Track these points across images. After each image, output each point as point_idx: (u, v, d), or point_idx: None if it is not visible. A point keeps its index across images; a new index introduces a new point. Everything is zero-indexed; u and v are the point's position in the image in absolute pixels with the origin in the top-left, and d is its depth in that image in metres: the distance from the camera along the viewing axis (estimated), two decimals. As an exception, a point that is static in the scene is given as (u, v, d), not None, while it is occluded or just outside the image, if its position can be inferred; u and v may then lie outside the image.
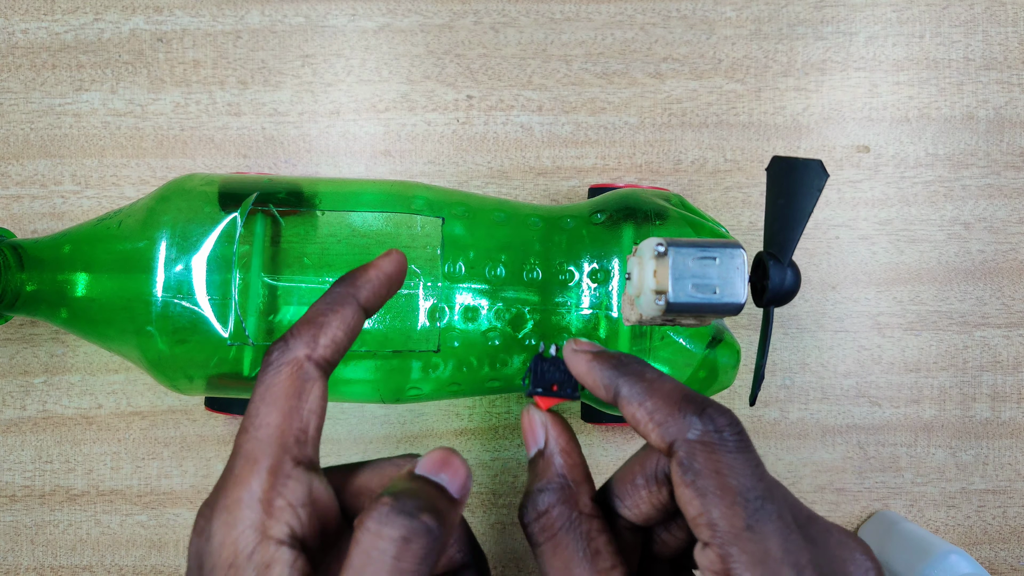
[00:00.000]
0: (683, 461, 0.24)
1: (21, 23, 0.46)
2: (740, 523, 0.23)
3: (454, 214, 0.38)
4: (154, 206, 0.36)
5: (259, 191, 0.37)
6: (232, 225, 0.36)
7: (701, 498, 0.23)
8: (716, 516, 0.23)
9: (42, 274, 0.37)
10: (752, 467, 0.24)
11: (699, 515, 0.23)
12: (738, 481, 0.23)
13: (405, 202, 0.38)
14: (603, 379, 0.27)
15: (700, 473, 0.24)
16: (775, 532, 0.23)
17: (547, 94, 0.46)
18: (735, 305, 0.29)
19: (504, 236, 0.38)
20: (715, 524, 0.23)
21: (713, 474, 0.24)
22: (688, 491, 0.24)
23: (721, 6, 0.47)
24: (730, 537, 0.23)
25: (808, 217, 0.30)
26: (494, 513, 0.45)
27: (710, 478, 0.23)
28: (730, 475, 0.24)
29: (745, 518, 0.23)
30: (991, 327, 0.47)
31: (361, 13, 0.46)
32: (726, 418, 0.25)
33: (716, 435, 0.24)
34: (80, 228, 0.38)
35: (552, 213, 0.39)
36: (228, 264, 0.36)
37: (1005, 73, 0.47)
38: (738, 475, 0.24)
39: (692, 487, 0.24)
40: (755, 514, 0.23)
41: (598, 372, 0.27)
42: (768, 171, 0.31)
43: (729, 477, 0.24)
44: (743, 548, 0.23)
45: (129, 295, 0.35)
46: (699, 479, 0.24)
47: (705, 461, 0.24)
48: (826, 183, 0.30)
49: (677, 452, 0.24)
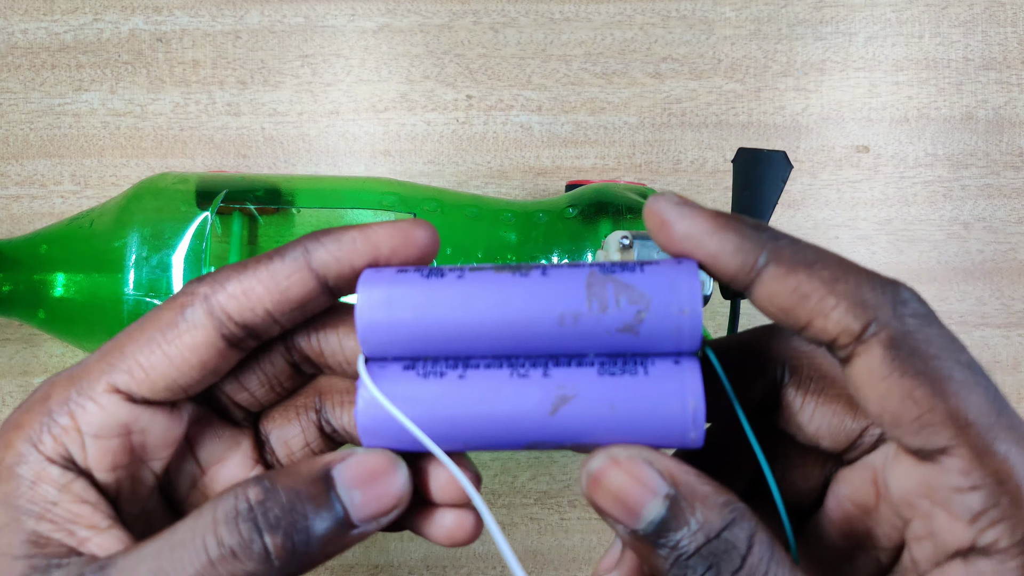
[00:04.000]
0: (895, 342, 0.17)
1: (21, 23, 0.45)
2: (992, 409, 0.17)
3: (426, 210, 0.36)
4: (126, 205, 0.35)
5: (235, 189, 0.35)
6: (205, 223, 0.34)
7: (931, 386, 0.17)
8: (963, 405, 0.17)
9: (18, 274, 0.35)
10: (961, 344, 0.18)
11: (928, 410, 0.17)
12: (967, 358, 0.18)
13: (377, 198, 0.36)
14: (741, 243, 0.19)
15: (923, 355, 0.17)
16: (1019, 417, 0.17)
17: (547, 94, 0.45)
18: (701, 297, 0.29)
19: (478, 231, 0.36)
20: (960, 415, 0.17)
21: (939, 354, 0.17)
22: (908, 381, 0.17)
23: (720, 6, 0.45)
24: (988, 426, 0.17)
25: (773, 208, 0.28)
26: (494, 513, 0.44)
27: (939, 360, 0.17)
28: (959, 352, 0.18)
29: (992, 401, 0.17)
30: (990, 327, 0.45)
31: (360, 13, 0.45)
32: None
33: (923, 307, 0.18)
34: (53, 228, 0.36)
35: (526, 208, 0.37)
36: (200, 262, 0.34)
37: (1004, 73, 0.45)
38: (962, 352, 0.18)
39: (916, 375, 0.17)
40: (997, 395, 0.17)
41: (734, 234, 0.19)
42: (734, 163, 0.29)
43: (959, 354, 0.18)
44: (1008, 437, 0.17)
45: (103, 294, 0.33)
46: (928, 363, 0.17)
47: (926, 340, 0.18)
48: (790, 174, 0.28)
49: (881, 331, 0.18)
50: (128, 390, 0.20)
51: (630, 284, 0.19)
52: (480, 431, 0.20)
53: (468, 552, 0.43)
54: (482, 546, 0.43)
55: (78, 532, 0.20)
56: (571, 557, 0.43)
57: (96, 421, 0.20)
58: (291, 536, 0.19)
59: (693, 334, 0.19)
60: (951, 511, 0.18)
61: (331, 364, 0.23)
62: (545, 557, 0.43)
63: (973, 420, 0.17)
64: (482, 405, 0.20)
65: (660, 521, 0.18)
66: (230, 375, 0.22)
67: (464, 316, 0.20)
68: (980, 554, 0.17)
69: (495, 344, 0.20)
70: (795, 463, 0.23)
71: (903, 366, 0.17)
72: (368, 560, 0.42)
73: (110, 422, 0.20)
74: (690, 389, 0.19)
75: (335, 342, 0.22)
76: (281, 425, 0.24)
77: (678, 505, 0.18)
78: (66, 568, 0.19)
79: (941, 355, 0.18)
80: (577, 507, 0.43)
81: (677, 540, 0.18)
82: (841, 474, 0.22)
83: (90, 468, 0.20)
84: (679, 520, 0.18)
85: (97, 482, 0.20)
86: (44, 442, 0.20)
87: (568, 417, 0.19)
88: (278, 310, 0.20)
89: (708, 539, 0.18)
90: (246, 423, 0.24)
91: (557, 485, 0.43)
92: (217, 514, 0.19)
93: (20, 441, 0.20)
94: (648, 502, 0.18)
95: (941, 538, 0.18)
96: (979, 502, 0.17)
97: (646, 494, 0.18)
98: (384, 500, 0.20)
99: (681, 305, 0.19)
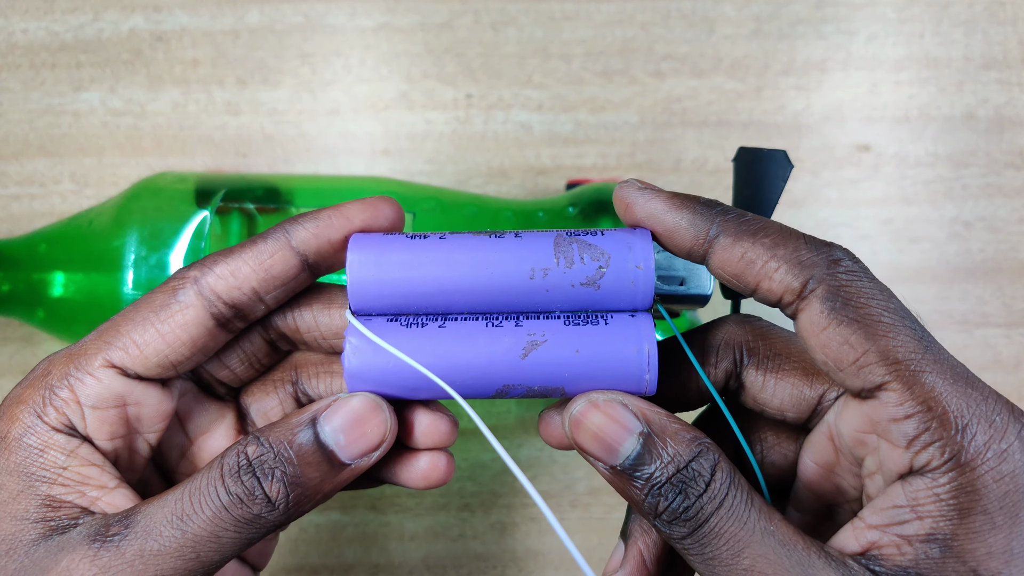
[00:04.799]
0: (830, 295, 0.20)
1: (20, 23, 0.44)
2: (919, 346, 0.19)
3: (425, 209, 0.36)
4: (125, 204, 0.34)
5: (233, 188, 0.35)
6: (204, 222, 0.34)
7: (864, 331, 0.19)
8: (892, 345, 0.19)
9: (17, 274, 0.35)
10: (890, 292, 0.20)
11: (863, 353, 0.19)
12: (896, 304, 0.20)
13: None
14: (693, 219, 0.21)
15: (855, 305, 0.19)
16: (944, 351, 0.19)
17: (547, 92, 0.44)
18: (702, 296, 0.29)
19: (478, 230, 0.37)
20: (891, 353, 0.19)
21: (870, 303, 0.19)
22: (844, 329, 0.19)
23: (721, 5, 0.45)
24: (915, 361, 0.19)
25: (773, 207, 0.28)
26: (494, 513, 0.43)
27: (869, 307, 0.19)
28: (887, 300, 0.20)
29: (919, 339, 0.19)
30: (991, 326, 0.45)
31: (360, 12, 0.45)
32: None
33: (855, 263, 0.20)
34: (52, 227, 0.35)
35: (526, 207, 0.37)
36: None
37: (1005, 72, 0.45)
38: (891, 299, 0.20)
39: (850, 323, 0.19)
40: (924, 334, 0.19)
41: (687, 212, 0.21)
42: (735, 161, 0.30)
43: (888, 302, 0.20)
44: (934, 369, 0.19)
45: (102, 294, 0.33)
46: (859, 311, 0.19)
47: (857, 291, 0.20)
48: (791, 173, 0.29)
49: (818, 287, 0.20)
50: (123, 365, 0.22)
51: (592, 244, 0.22)
52: (457, 374, 0.22)
53: (468, 552, 0.42)
54: (482, 546, 0.43)
55: (89, 492, 0.21)
56: (571, 557, 0.43)
57: (93, 393, 0.22)
58: (285, 482, 0.21)
59: (646, 289, 0.22)
60: (891, 439, 0.20)
61: (306, 340, 0.24)
62: (545, 557, 0.43)
63: (903, 357, 0.19)
64: (459, 350, 0.22)
65: (636, 456, 0.20)
66: (213, 355, 0.24)
67: (445, 272, 0.22)
68: (916, 474, 0.19)
69: (472, 298, 0.22)
70: (771, 444, 0.25)
71: (838, 316, 0.20)
72: (368, 560, 0.42)
73: (106, 394, 0.22)
74: (645, 336, 0.22)
75: (310, 319, 0.24)
76: (260, 398, 0.26)
77: (651, 441, 0.20)
78: (85, 524, 0.21)
79: (871, 304, 0.20)
80: (577, 507, 0.43)
81: (651, 472, 0.20)
82: (805, 442, 0.24)
83: (91, 436, 0.22)
84: (652, 455, 0.20)
85: (98, 448, 0.22)
86: (47, 413, 0.21)
87: (537, 361, 0.22)
88: (263, 288, 0.22)
89: (678, 469, 0.20)
90: (228, 398, 0.26)
91: (557, 485, 0.43)
92: (223, 468, 0.21)
93: (24, 413, 0.21)
94: (625, 440, 0.21)
95: (886, 467, 0.20)
96: (913, 428, 0.19)
97: (623, 433, 0.21)
98: (369, 439, 0.22)
99: (636, 261, 0.22)
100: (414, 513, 0.42)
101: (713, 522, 0.20)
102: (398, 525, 0.42)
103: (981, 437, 0.19)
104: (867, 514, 0.20)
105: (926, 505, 0.19)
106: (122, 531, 0.20)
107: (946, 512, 0.19)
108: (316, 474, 0.21)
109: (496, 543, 0.43)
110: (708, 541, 0.20)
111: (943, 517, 0.19)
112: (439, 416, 0.24)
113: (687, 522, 0.20)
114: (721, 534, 0.20)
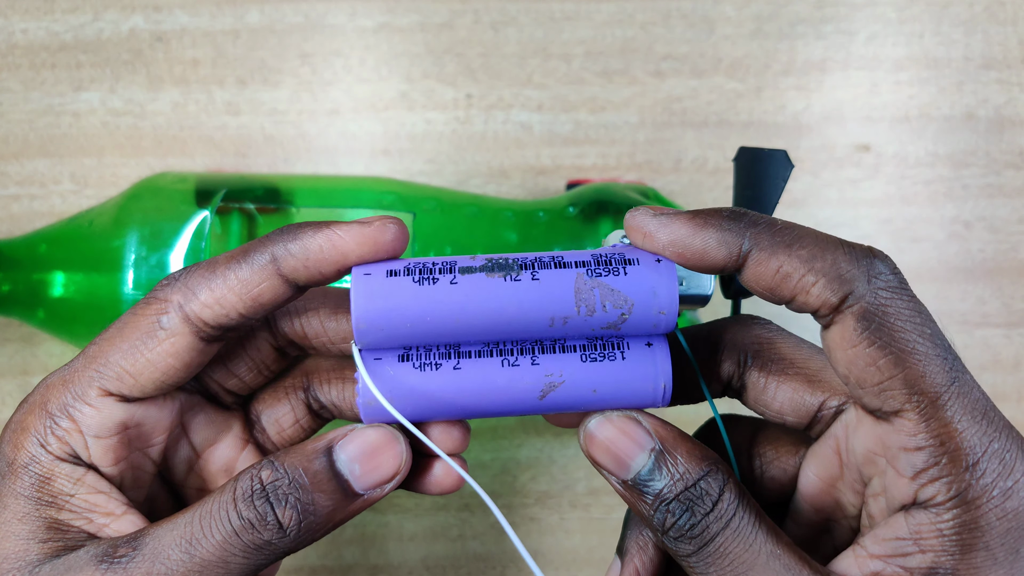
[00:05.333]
0: (866, 315, 0.19)
1: (20, 23, 0.44)
2: (947, 378, 0.19)
3: (425, 209, 0.36)
4: (125, 204, 0.34)
5: (233, 188, 0.35)
6: (204, 222, 0.34)
7: (894, 358, 0.19)
8: (919, 374, 0.19)
9: (17, 274, 0.35)
10: (928, 315, 0.19)
11: (889, 379, 0.19)
12: (932, 330, 0.19)
13: (376, 198, 0.36)
14: (722, 237, 0.20)
15: (891, 329, 0.19)
16: (971, 381, 0.19)
17: (547, 93, 0.44)
18: (702, 296, 0.29)
19: (478, 230, 0.36)
20: (916, 383, 0.19)
21: (906, 327, 0.19)
22: (874, 351, 0.19)
23: (721, 5, 0.45)
24: (939, 394, 0.19)
25: (774, 207, 0.28)
26: (493, 513, 0.43)
27: (905, 333, 0.19)
28: (924, 324, 0.19)
29: (948, 370, 0.19)
30: (991, 326, 0.44)
31: (360, 12, 0.45)
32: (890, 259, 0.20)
33: (895, 276, 0.19)
34: (52, 227, 0.35)
35: (526, 207, 0.37)
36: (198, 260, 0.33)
37: (1005, 72, 0.45)
38: (928, 323, 0.19)
39: (883, 347, 0.19)
40: (955, 363, 0.19)
41: (714, 230, 0.20)
42: (735, 162, 0.29)
43: (924, 326, 0.19)
44: (956, 403, 0.19)
45: (102, 294, 0.33)
46: (894, 335, 0.19)
47: (895, 313, 0.19)
48: (791, 173, 0.28)
49: (855, 305, 0.19)
50: (120, 393, 0.22)
51: (615, 289, 0.21)
52: (475, 416, 0.22)
53: (468, 553, 0.42)
54: (482, 547, 0.42)
55: (96, 520, 0.21)
56: (571, 558, 0.43)
57: (95, 423, 0.22)
58: (298, 509, 0.20)
59: (668, 326, 0.22)
60: (898, 468, 0.20)
61: (315, 345, 0.24)
62: (545, 558, 0.43)
63: (927, 388, 0.19)
64: (478, 395, 0.22)
65: (647, 472, 0.21)
66: (219, 364, 0.24)
67: (457, 323, 0.21)
68: (920, 507, 0.19)
69: (486, 339, 0.22)
70: (770, 459, 0.25)
71: (871, 337, 0.19)
72: (368, 561, 0.42)
73: (107, 423, 0.22)
74: (661, 370, 0.22)
75: (317, 324, 0.24)
76: (271, 405, 0.25)
77: (662, 458, 0.21)
78: (93, 544, 0.21)
79: (907, 328, 0.19)
80: (577, 508, 0.43)
81: (660, 488, 0.20)
82: (808, 453, 0.24)
83: (96, 464, 0.22)
84: (663, 471, 0.20)
85: (103, 475, 0.22)
86: (50, 443, 0.21)
87: (555, 402, 0.22)
88: (251, 312, 0.22)
89: (686, 487, 0.20)
90: (235, 406, 0.25)
91: (557, 486, 0.43)
92: (236, 492, 0.21)
93: (29, 443, 0.21)
94: (637, 455, 0.21)
95: (890, 493, 0.20)
96: (922, 460, 0.19)
97: (635, 448, 0.21)
98: (383, 470, 0.22)
99: (660, 307, 0.21)
100: (413, 514, 0.42)
101: (719, 541, 0.20)
102: (397, 525, 0.42)
103: (989, 475, 0.19)
104: (869, 543, 0.20)
105: (929, 539, 0.19)
106: (130, 553, 0.20)
107: (948, 547, 0.19)
108: (329, 503, 0.21)
109: (496, 543, 0.43)
110: (713, 560, 0.20)
111: (945, 552, 0.19)
112: (451, 423, 0.24)
113: (693, 540, 0.20)
114: (726, 554, 0.20)
